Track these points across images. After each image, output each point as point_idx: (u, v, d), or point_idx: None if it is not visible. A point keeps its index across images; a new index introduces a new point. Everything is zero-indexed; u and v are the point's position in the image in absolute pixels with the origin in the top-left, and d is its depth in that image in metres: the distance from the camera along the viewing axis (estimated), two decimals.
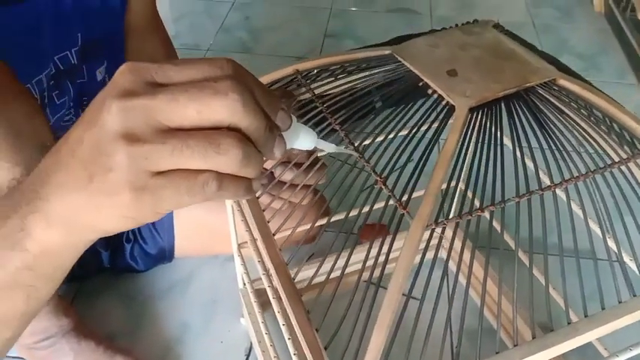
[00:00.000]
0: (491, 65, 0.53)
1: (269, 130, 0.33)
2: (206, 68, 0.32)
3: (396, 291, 0.42)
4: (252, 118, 0.32)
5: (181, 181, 0.31)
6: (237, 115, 0.31)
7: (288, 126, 0.36)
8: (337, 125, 0.52)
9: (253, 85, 0.33)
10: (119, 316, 0.94)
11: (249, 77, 0.34)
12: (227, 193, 0.33)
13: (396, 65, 0.54)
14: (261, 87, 0.34)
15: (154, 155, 0.30)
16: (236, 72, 0.32)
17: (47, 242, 0.34)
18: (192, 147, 0.31)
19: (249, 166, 0.33)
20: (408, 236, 0.42)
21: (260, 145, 0.33)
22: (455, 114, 0.48)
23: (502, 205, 0.44)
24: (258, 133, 0.33)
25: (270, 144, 0.34)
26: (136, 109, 0.30)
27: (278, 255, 0.49)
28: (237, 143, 0.31)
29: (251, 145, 0.33)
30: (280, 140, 0.35)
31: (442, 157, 0.44)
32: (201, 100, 0.31)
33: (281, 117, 0.35)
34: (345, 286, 0.46)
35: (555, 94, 0.51)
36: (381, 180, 0.46)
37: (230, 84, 0.31)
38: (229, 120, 0.31)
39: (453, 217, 0.44)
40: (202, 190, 0.32)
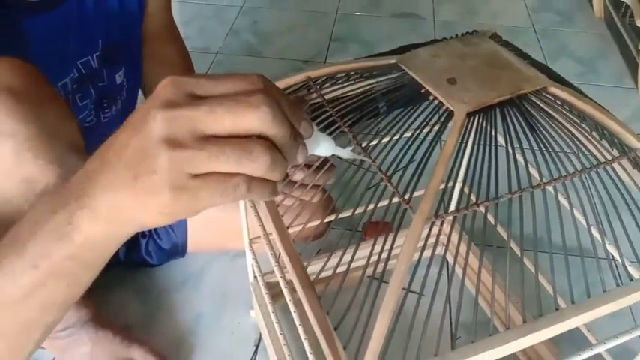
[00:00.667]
0: (488, 74, 0.58)
1: (293, 138, 0.38)
2: (239, 83, 0.37)
3: (400, 277, 0.46)
4: (279, 128, 0.36)
5: (216, 183, 0.35)
6: (267, 125, 0.36)
7: (310, 135, 0.40)
8: (346, 128, 0.56)
9: (280, 98, 0.37)
10: (134, 308, 0.98)
11: (277, 90, 0.38)
12: (255, 194, 0.37)
13: (401, 73, 0.59)
14: (286, 99, 0.38)
15: (193, 160, 0.34)
16: (266, 86, 0.37)
17: (92, 234, 0.38)
18: (228, 153, 0.35)
19: (276, 171, 0.37)
20: (411, 228, 0.47)
21: (285, 152, 0.37)
22: (454, 118, 0.52)
23: (496, 201, 0.49)
24: (284, 141, 0.37)
25: (294, 151, 0.39)
26: (179, 118, 0.34)
27: (292, 246, 0.54)
28: (266, 150, 0.35)
29: (277, 151, 0.37)
30: (303, 147, 0.40)
31: (442, 157, 0.49)
32: (236, 111, 0.35)
33: (304, 126, 0.40)
34: (351, 281, 0.50)
35: (546, 101, 0.56)
36: (386, 178, 0.51)
37: (261, 98, 0.35)
38: (260, 129, 0.36)
39: (451, 212, 0.48)
40: (234, 192, 0.36)
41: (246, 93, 0.36)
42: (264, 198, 0.38)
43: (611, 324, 0.62)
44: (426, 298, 0.47)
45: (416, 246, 0.47)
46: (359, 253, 0.53)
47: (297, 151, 0.39)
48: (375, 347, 0.43)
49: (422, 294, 0.47)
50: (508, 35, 0.68)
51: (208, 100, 0.35)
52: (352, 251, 0.53)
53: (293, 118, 0.38)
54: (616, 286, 0.52)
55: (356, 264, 0.52)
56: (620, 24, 1.70)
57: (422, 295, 0.47)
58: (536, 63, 0.61)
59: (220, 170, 0.36)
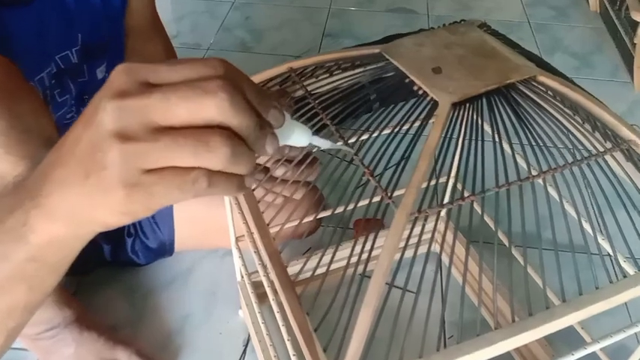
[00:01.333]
0: (474, 63, 0.55)
1: (260, 127, 0.35)
2: (198, 68, 0.34)
3: (382, 274, 0.44)
4: (241, 116, 0.33)
5: (172, 177, 0.33)
6: (227, 113, 0.33)
7: (280, 123, 0.37)
8: (328, 120, 0.54)
9: (245, 85, 0.35)
10: (121, 308, 0.97)
11: (241, 77, 0.35)
12: (217, 189, 0.35)
13: (385, 63, 0.57)
14: (252, 86, 0.36)
15: (145, 153, 0.32)
16: (227, 72, 0.34)
17: (50, 235, 0.36)
18: (183, 145, 0.32)
19: (239, 163, 0.34)
20: (393, 224, 0.45)
21: (251, 143, 0.35)
22: (438, 109, 0.50)
23: (482, 195, 0.47)
24: (249, 131, 0.34)
25: (261, 141, 0.36)
26: (129, 108, 0.32)
27: (272, 244, 0.52)
28: (225, 141, 0.33)
29: (241, 142, 0.34)
30: (272, 137, 0.37)
31: (426, 149, 0.47)
32: (191, 99, 0.32)
33: (273, 114, 0.37)
34: (335, 280, 0.48)
35: (535, 90, 0.54)
36: (368, 171, 0.49)
37: (220, 83, 0.33)
38: (219, 118, 0.33)
39: (436, 206, 0.46)
40: (192, 187, 0.34)
41: (205, 79, 0.34)
42: (230, 193, 0.36)
43: (606, 321, 0.60)
44: (413, 297, 0.45)
45: (399, 241, 0.45)
46: (343, 253, 0.51)
47: (264, 142, 0.36)
48: (356, 349, 0.41)
49: (407, 289, 0.45)
50: (503, 30, 0.66)
51: (162, 88, 0.33)
52: (338, 250, 0.50)
53: (260, 106, 0.36)
54: (609, 283, 0.50)
55: (340, 263, 0.49)
56: (616, 17, 1.68)
57: (406, 290, 0.45)
58: (526, 52, 0.59)
59: (176, 164, 0.33)
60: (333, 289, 0.48)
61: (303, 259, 0.59)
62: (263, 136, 0.36)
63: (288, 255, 1.00)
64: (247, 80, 0.36)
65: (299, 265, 0.53)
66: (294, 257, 0.88)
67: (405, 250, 0.47)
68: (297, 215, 0.61)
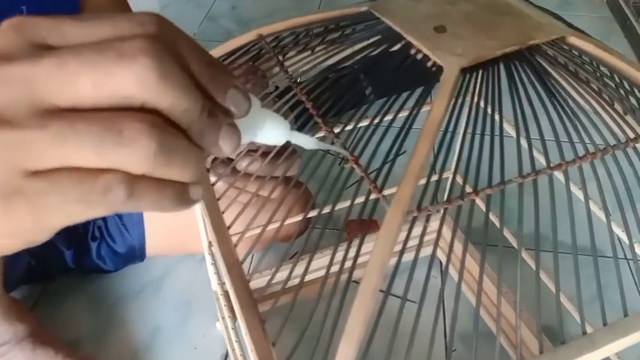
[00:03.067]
0: (487, 21, 0.44)
1: (207, 114, 0.24)
2: (121, 25, 0.23)
3: (369, 294, 0.33)
4: (176, 95, 0.23)
5: (70, 184, 0.22)
6: (152, 89, 0.22)
7: (244, 111, 0.26)
8: (305, 99, 0.43)
9: (187, 51, 0.24)
10: (85, 320, 0.89)
11: (183, 40, 0.24)
12: (144, 203, 0.24)
13: (374, 23, 0.46)
14: (200, 55, 0.25)
15: (28, 145, 0.22)
16: (161, 30, 0.23)
17: None
18: (82, 134, 0.22)
19: (174, 165, 0.23)
20: (384, 225, 0.33)
21: (194, 136, 0.24)
22: (443, 75, 0.39)
23: (501, 187, 0.35)
24: (189, 118, 0.24)
25: (212, 134, 0.25)
26: (10, 80, 0.22)
27: (232, 253, 0.41)
28: (148, 130, 0.22)
29: (176, 134, 0.23)
30: (230, 131, 0.26)
31: (426, 128, 0.35)
32: (98, 65, 0.22)
33: (233, 97, 0.26)
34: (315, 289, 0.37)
35: (566, 55, 0.42)
36: (352, 158, 0.37)
37: (143, 44, 0.22)
38: (141, 96, 0.22)
39: (440, 203, 0.35)
40: (103, 199, 0.23)
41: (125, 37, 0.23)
42: (164, 208, 0.25)
43: None
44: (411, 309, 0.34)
45: (392, 248, 0.34)
46: (323, 261, 0.40)
47: (217, 135, 0.25)
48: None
49: (403, 298, 0.34)
50: None
51: (59, 51, 0.22)
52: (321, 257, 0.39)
53: (212, 84, 0.25)
54: None
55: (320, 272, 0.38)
56: (625, 5, 1.61)
57: (403, 300, 0.34)
58: (548, 11, 0.48)
59: (76, 163, 0.22)
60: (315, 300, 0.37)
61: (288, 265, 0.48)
62: (214, 128, 0.25)
63: (272, 260, 0.91)
64: (193, 46, 0.25)
65: (281, 273, 0.42)
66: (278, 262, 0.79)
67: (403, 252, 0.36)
68: (280, 216, 0.50)
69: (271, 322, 0.40)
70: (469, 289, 0.77)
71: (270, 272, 0.69)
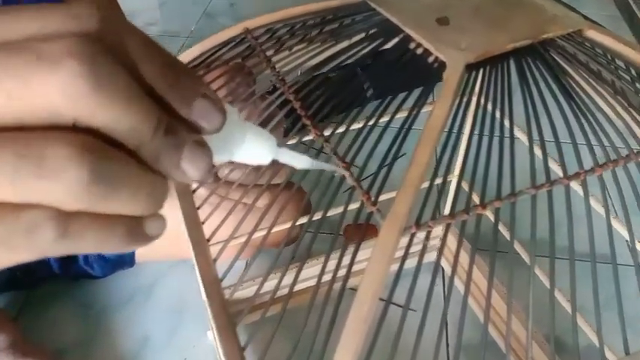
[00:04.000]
0: (496, 12, 0.40)
1: (164, 131, 0.20)
2: (51, 18, 0.19)
3: (361, 321, 0.29)
4: (117, 110, 0.18)
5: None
6: (83, 102, 0.18)
7: (217, 125, 0.21)
8: (293, 99, 0.39)
9: (137, 51, 0.19)
10: (72, 328, 0.86)
11: (132, 36, 0.20)
12: (82, 244, 0.19)
13: (370, 14, 0.41)
14: (156, 56, 0.20)
15: None
16: (102, 25, 0.19)
17: None
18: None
19: (118, 197, 0.19)
20: (378, 243, 0.29)
21: (147, 159, 0.20)
22: (446, 72, 0.34)
23: (512, 200, 0.31)
24: (138, 138, 0.19)
25: (171, 156, 0.20)
26: None
27: (210, 269, 0.37)
28: (77, 156, 0.18)
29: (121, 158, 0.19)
30: (197, 150, 0.21)
31: (427, 132, 0.31)
32: (10, 70, 0.17)
33: (201, 109, 0.21)
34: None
35: (583, 50, 0.38)
36: (344, 165, 0.33)
37: (72, 43, 0.18)
38: (69, 111, 0.18)
39: (442, 217, 0.31)
40: (28, 241, 0.18)
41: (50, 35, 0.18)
42: (110, 248, 0.20)
43: None
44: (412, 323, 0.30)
45: (386, 269, 0.30)
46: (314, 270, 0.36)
47: (179, 157, 0.20)
48: None
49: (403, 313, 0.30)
50: None
51: None
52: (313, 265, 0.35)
53: (172, 92, 0.20)
54: None
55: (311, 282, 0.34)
56: (632, 2, 1.58)
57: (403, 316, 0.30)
58: (564, 3, 0.43)
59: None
60: None
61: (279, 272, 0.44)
62: (174, 148, 0.20)
63: (265, 264, 0.87)
64: (146, 44, 0.20)
65: (272, 282, 0.38)
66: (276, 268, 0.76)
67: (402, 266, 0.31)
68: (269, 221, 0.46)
69: (262, 330, 0.36)
70: (475, 301, 0.73)
71: (255, 283, 0.65)
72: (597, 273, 0.35)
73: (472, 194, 0.32)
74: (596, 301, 0.35)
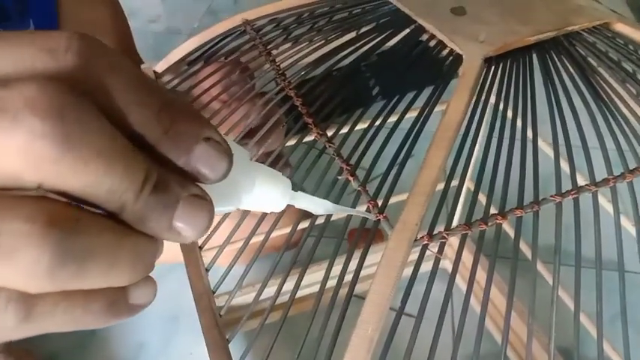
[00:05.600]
0: (517, 1, 0.37)
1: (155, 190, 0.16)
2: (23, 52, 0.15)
3: (365, 345, 0.26)
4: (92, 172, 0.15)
5: None
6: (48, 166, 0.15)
7: (222, 173, 0.18)
8: (294, 95, 0.36)
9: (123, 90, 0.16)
10: (64, 334, 0.82)
11: (117, 72, 0.16)
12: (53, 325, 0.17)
13: (378, 4, 0.38)
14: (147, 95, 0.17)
15: None
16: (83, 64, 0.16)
17: None
18: None
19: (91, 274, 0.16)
20: (384, 257, 0.26)
21: (131, 222, 0.17)
22: (462, 67, 0.31)
23: (535, 209, 0.28)
24: (120, 200, 0.16)
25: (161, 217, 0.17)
26: None
27: (201, 279, 0.33)
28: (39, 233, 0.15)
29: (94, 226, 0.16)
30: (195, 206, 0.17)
31: (441, 132, 0.28)
32: None
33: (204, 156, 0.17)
34: None
35: (613, 45, 0.35)
36: (347, 167, 0.30)
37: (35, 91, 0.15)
38: (32, 176, 0.15)
39: (457, 227, 0.28)
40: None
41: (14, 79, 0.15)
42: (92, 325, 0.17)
43: None
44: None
45: (394, 283, 0.26)
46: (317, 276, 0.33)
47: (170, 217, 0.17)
48: None
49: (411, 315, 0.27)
50: None
51: None
52: None
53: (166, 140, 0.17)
54: None
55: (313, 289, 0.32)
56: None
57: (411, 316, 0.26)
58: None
59: None
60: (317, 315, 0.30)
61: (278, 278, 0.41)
62: (165, 207, 0.17)
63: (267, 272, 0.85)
64: (133, 79, 0.17)
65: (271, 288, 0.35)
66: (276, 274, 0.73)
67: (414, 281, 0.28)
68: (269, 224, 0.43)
69: (262, 338, 0.34)
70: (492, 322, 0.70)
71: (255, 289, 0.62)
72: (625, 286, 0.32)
73: (491, 203, 0.29)
74: (624, 319, 0.32)
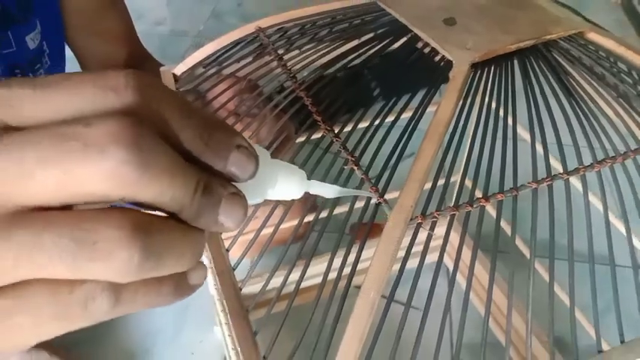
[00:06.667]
0: (501, 13, 0.41)
1: (204, 193, 0.20)
2: (87, 94, 0.19)
3: (368, 306, 0.30)
4: (161, 185, 0.19)
5: (43, 299, 0.19)
6: (130, 186, 0.18)
7: (251, 173, 0.22)
8: (304, 95, 0.40)
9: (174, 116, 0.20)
10: None
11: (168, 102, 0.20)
12: (133, 307, 0.20)
13: (379, 15, 0.43)
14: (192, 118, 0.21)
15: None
16: (140, 97, 0.19)
17: None
18: (49, 248, 0.18)
19: (165, 265, 0.20)
20: (384, 233, 0.31)
21: (188, 219, 0.21)
22: (453, 70, 0.36)
23: (514, 194, 0.32)
24: (180, 203, 0.20)
25: (210, 214, 0.21)
26: None
27: (224, 259, 0.38)
28: (128, 238, 0.19)
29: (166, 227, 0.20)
30: (234, 203, 0.21)
31: (433, 127, 0.33)
32: (58, 161, 0.18)
33: (237, 161, 0.21)
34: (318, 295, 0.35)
35: (585, 52, 0.39)
36: (352, 159, 0.35)
37: (114, 128, 0.18)
38: (116, 194, 0.19)
39: (447, 209, 0.32)
40: (84, 312, 0.19)
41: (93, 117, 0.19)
42: (161, 305, 0.22)
43: None
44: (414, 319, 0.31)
45: (393, 258, 0.31)
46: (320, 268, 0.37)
47: (217, 213, 0.21)
48: None
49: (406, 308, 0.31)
50: None
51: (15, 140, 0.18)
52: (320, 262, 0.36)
53: (208, 152, 0.21)
54: None
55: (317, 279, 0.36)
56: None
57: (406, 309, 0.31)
58: (566, 5, 0.45)
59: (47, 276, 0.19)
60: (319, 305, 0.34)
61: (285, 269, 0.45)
62: (212, 205, 0.21)
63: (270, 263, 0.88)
64: (181, 107, 0.20)
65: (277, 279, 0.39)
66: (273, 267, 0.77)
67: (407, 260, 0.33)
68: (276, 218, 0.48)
69: (266, 329, 0.37)
70: (477, 297, 0.74)
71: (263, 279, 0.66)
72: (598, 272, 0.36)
73: (475, 188, 0.33)
74: (594, 299, 0.36)
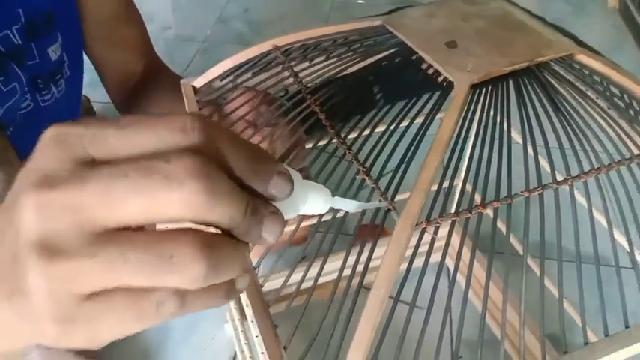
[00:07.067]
0: (498, 37, 0.45)
1: (252, 213, 0.25)
2: (162, 134, 0.23)
3: (378, 303, 0.34)
4: (223, 209, 0.23)
5: (125, 304, 0.23)
6: (201, 210, 0.23)
7: (287, 194, 0.27)
8: (319, 110, 0.44)
9: (229, 151, 0.24)
10: None
11: (224, 139, 0.25)
12: (193, 309, 0.25)
13: (387, 37, 0.47)
14: (242, 151, 0.25)
15: (81, 275, 0.23)
16: (205, 138, 0.24)
17: None
18: (133, 263, 0.23)
19: (223, 274, 0.24)
20: (393, 237, 0.35)
21: (239, 235, 0.25)
22: (454, 91, 0.40)
23: (509, 201, 0.37)
24: (236, 223, 0.24)
25: (255, 230, 0.25)
26: (57, 207, 0.22)
27: (247, 259, 0.42)
28: (198, 254, 0.23)
29: (223, 244, 0.24)
30: (274, 220, 0.26)
31: (437, 142, 0.37)
32: (145, 191, 0.22)
33: (277, 185, 0.26)
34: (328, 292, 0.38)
35: (573, 72, 0.43)
36: (364, 170, 0.39)
37: (189, 164, 0.23)
38: (190, 216, 0.23)
39: (449, 215, 0.36)
40: (156, 313, 0.24)
41: (169, 154, 0.23)
42: (215, 306, 0.26)
43: None
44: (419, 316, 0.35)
45: (400, 259, 0.35)
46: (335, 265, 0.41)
47: (260, 229, 0.25)
48: None
49: (411, 306, 0.35)
50: None
51: (102, 174, 0.23)
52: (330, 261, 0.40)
53: (255, 179, 0.25)
54: None
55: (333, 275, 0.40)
56: (637, 14, 1.59)
57: (411, 307, 0.35)
58: (560, 29, 0.49)
59: (129, 284, 0.23)
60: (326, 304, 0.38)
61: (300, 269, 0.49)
62: (257, 223, 0.25)
63: (280, 264, 0.91)
64: (234, 143, 0.25)
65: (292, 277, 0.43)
66: (286, 267, 0.80)
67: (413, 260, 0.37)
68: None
69: (280, 325, 0.41)
70: (476, 296, 0.78)
71: (281, 275, 0.70)
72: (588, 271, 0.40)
73: (475, 196, 0.37)
74: (581, 295, 0.40)
